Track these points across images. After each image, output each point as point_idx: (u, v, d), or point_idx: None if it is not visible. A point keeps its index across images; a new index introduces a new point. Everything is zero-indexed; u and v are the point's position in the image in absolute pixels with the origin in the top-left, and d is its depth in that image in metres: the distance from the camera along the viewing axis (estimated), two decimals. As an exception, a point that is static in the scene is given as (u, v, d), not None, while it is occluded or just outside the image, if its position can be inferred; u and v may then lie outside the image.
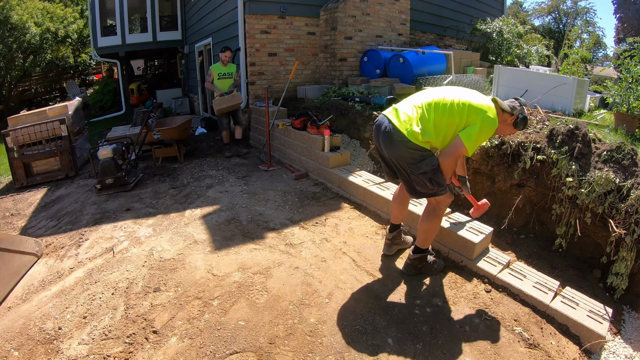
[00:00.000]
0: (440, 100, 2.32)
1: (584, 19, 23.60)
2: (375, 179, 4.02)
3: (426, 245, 2.62)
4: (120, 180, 4.59)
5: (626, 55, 3.70)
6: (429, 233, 2.57)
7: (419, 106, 2.34)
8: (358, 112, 5.19)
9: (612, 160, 2.81)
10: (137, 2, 11.44)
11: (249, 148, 6.40)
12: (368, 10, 6.81)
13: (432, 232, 2.57)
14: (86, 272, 2.87)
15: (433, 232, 2.58)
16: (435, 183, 2.34)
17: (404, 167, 2.36)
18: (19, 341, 2.15)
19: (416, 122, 2.28)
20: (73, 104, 6.35)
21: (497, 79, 4.87)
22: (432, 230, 2.56)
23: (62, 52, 15.53)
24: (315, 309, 2.36)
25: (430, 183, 2.33)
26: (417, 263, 2.67)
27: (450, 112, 2.27)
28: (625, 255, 2.49)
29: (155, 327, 2.22)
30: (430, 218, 2.53)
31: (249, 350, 2.04)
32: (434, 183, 2.34)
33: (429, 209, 2.55)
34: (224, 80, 5.76)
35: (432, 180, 2.33)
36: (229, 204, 4.02)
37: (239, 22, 6.46)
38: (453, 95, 2.32)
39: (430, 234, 2.57)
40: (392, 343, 2.10)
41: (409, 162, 2.31)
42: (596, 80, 9.19)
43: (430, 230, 2.55)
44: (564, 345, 2.12)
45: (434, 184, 2.34)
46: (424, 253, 2.66)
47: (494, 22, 8.10)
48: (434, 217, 2.52)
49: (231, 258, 2.97)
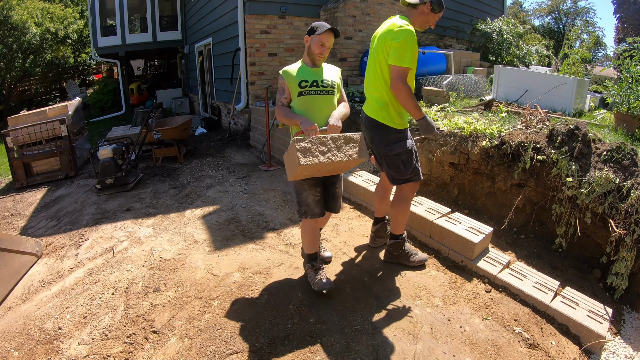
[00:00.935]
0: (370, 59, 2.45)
1: (584, 19, 23.60)
2: (375, 179, 4.02)
3: (398, 231, 2.69)
4: (120, 180, 4.59)
5: (626, 55, 3.69)
6: (400, 218, 2.64)
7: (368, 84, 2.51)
8: (358, 112, 5.19)
9: (612, 160, 2.81)
10: (137, 2, 11.44)
11: (249, 148, 6.41)
12: (368, 10, 6.81)
13: (403, 217, 2.64)
14: (86, 272, 2.86)
15: (404, 218, 2.65)
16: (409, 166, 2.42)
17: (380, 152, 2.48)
18: (19, 341, 2.15)
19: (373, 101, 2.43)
20: (73, 104, 6.35)
21: (497, 79, 4.87)
22: (402, 215, 2.63)
23: (62, 52, 15.52)
24: (315, 309, 2.36)
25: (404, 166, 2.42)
26: (393, 250, 2.76)
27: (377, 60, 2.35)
28: (625, 255, 2.49)
29: (155, 327, 2.22)
30: (399, 204, 2.60)
31: (249, 350, 2.04)
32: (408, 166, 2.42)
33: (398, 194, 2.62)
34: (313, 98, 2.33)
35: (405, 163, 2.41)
36: (229, 204, 4.02)
37: (239, 22, 6.47)
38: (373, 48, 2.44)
39: (400, 219, 2.64)
40: (393, 343, 2.10)
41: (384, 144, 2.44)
42: (596, 80, 9.19)
43: (399, 215, 2.62)
44: (564, 345, 2.12)
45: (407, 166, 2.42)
46: (398, 239, 2.73)
47: (494, 22, 8.10)
48: (402, 203, 2.60)
49: (231, 258, 2.97)
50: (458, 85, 5.53)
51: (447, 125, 3.93)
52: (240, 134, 7.32)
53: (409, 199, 2.61)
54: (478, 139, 3.55)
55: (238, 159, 5.85)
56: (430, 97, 5.26)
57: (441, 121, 4.10)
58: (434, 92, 5.25)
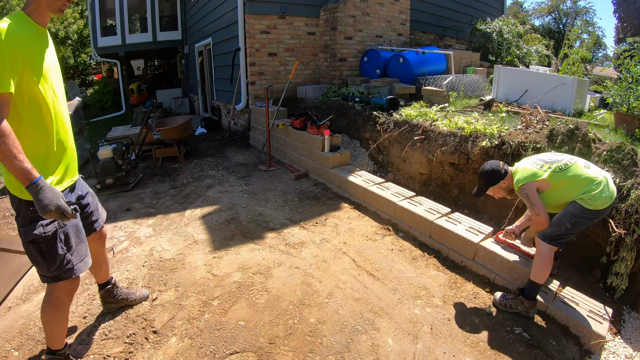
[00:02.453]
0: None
1: (584, 19, 23.61)
2: (375, 179, 4.02)
3: (54, 345, 1.82)
4: (120, 180, 4.59)
5: (626, 55, 3.69)
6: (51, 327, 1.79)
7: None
8: (358, 112, 5.19)
9: (612, 160, 2.81)
10: (137, 2, 11.44)
11: (249, 148, 6.41)
12: (368, 10, 6.81)
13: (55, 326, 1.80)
14: (86, 272, 2.86)
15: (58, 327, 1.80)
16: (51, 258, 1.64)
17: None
18: (19, 341, 2.15)
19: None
20: (73, 104, 6.34)
21: (497, 79, 4.87)
22: (52, 323, 1.78)
23: (62, 52, 15.52)
24: (315, 309, 2.36)
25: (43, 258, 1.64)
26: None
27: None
28: (625, 255, 2.48)
29: (155, 327, 2.22)
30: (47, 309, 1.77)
31: (249, 350, 2.04)
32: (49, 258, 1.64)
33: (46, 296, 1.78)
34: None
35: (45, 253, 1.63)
36: (229, 204, 4.02)
37: (239, 22, 6.46)
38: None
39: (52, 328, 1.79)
40: (392, 343, 2.10)
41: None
42: (596, 80, 9.19)
43: (49, 323, 1.78)
44: (564, 345, 2.12)
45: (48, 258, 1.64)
46: (54, 356, 1.82)
47: (494, 22, 8.10)
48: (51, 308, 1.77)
49: (231, 258, 2.97)
50: (458, 85, 5.54)
51: (447, 125, 3.93)
52: (240, 134, 7.32)
53: (64, 304, 1.78)
54: (478, 139, 3.55)
55: (238, 159, 5.85)
56: (430, 97, 5.27)
57: (441, 121, 4.10)
58: (434, 92, 5.26)
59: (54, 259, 1.62)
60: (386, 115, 4.76)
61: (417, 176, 4.17)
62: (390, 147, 4.58)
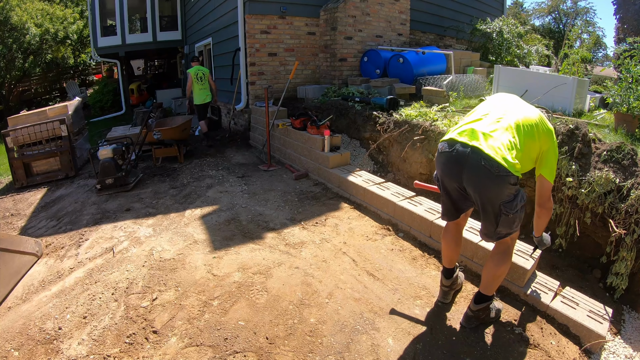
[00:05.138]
0: (525, 120, 1.96)
1: (584, 19, 23.61)
2: (375, 179, 4.02)
3: (492, 292, 2.16)
4: (120, 180, 4.59)
5: (626, 55, 3.69)
6: (499, 279, 2.12)
7: (505, 127, 1.92)
8: (358, 112, 5.19)
9: (612, 160, 2.81)
10: (137, 2, 11.45)
11: (249, 148, 6.41)
12: (368, 10, 6.81)
13: (503, 277, 2.13)
14: (86, 272, 2.86)
15: (503, 277, 2.14)
16: (519, 219, 1.97)
17: (497, 208, 1.89)
18: (19, 341, 2.15)
19: (509, 147, 1.86)
20: (73, 104, 6.35)
21: (497, 79, 4.86)
22: (503, 275, 2.12)
23: (62, 52, 15.53)
24: (315, 309, 2.36)
25: (518, 220, 1.96)
26: (482, 314, 2.20)
27: (536, 135, 1.96)
28: (625, 255, 2.49)
29: (155, 327, 2.22)
30: (503, 261, 2.08)
31: (249, 350, 2.04)
32: (519, 220, 1.96)
33: (502, 249, 2.09)
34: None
35: (519, 217, 1.95)
36: (229, 204, 4.02)
37: (239, 22, 6.47)
38: (532, 113, 2.02)
39: (501, 279, 2.13)
40: (393, 343, 2.10)
41: (505, 200, 1.86)
42: (596, 80, 9.19)
43: (502, 276, 2.11)
44: (564, 345, 2.12)
45: (518, 221, 1.96)
46: (490, 301, 2.19)
47: (494, 22, 8.10)
48: (507, 259, 2.09)
49: (231, 258, 2.97)
50: (458, 85, 5.53)
51: (447, 125, 3.93)
52: (240, 134, 7.33)
53: (512, 253, 2.16)
54: (478, 139, 3.54)
55: (238, 159, 5.85)
56: (430, 97, 5.27)
57: (441, 121, 4.10)
58: (434, 92, 5.25)
59: (520, 218, 1.98)
60: (386, 115, 4.76)
61: (417, 176, 4.17)
62: (390, 147, 4.58)
